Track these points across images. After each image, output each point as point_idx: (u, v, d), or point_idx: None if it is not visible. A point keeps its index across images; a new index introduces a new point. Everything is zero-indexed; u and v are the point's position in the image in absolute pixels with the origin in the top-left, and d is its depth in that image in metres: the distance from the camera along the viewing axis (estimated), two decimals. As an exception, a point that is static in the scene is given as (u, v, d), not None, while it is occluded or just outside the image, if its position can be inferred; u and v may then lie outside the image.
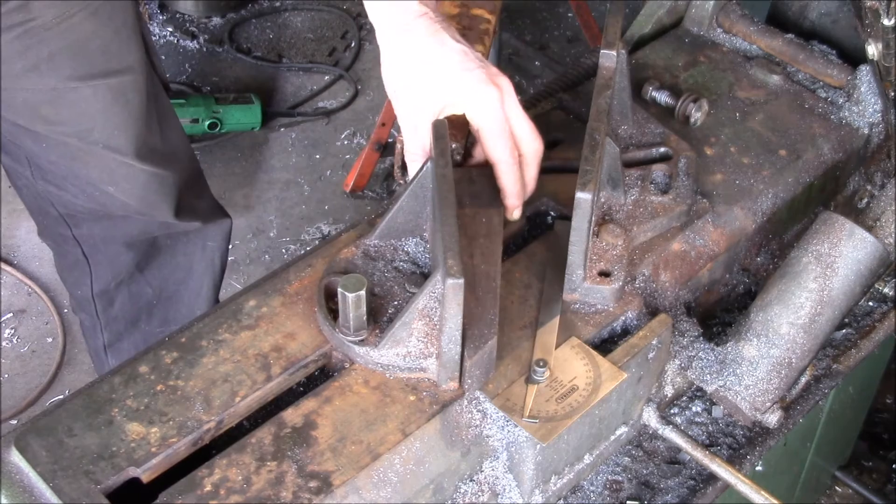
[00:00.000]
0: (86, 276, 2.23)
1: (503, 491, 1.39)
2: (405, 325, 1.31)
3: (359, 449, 1.26)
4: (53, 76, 1.83)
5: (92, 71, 1.85)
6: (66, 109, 1.88)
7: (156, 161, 2.02)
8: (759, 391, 1.48)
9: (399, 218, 1.44)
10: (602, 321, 1.45)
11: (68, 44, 1.81)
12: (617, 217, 1.52)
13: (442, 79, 1.42)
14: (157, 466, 1.25)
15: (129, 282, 2.25)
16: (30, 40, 1.77)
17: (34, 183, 2.06)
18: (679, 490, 1.51)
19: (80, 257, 2.20)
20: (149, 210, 2.09)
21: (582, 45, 4.10)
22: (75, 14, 1.78)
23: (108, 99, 1.90)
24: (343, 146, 3.82)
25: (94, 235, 2.16)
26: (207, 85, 3.99)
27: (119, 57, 1.89)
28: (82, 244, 2.18)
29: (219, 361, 1.35)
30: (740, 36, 1.92)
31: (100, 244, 2.18)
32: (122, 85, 1.90)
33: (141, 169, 2.00)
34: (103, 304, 2.27)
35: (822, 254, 1.47)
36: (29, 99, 1.86)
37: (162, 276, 2.28)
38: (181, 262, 2.27)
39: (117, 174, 2.00)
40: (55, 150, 1.95)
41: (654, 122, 1.66)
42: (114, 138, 1.94)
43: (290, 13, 4.35)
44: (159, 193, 2.06)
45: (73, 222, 2.13)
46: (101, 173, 1.99)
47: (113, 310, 2.29)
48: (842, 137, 1.77)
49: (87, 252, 2.19)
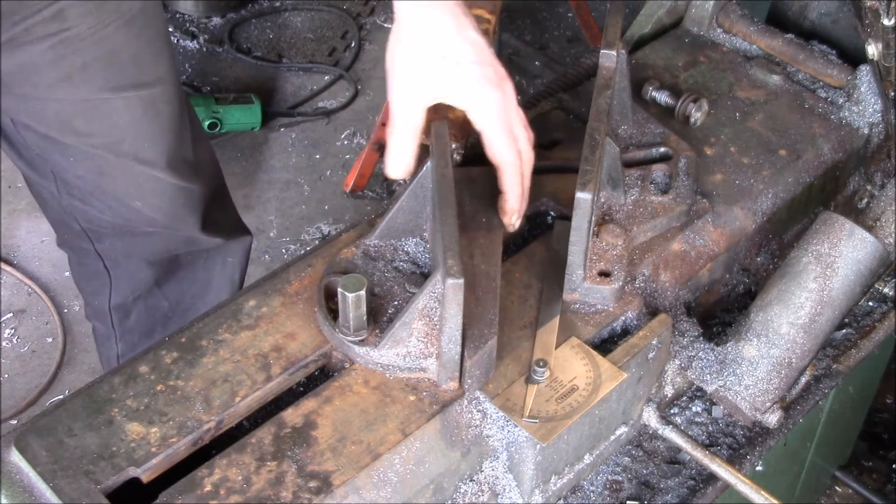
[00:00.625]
0: (104, 288, 2.22)
1: (503, 491, 1.39)
2: (405, 325, 1.31)
3: (359, 449, 1.26)
4: (86, 87, 1.82)
5: (124, 82, 1.85)
6: (97, 121, 1.87)
7: (185, 174, 2.01)
8: (759, 391, 1.48)
9: (399, 218, 1.44)
10: (602, 321, 1.45)
11: (102, 54, 1.80)
12: (617, 217, 1.52)
13: (451, 65, 1.37)
14: (157, 466, 1.25)
15: (147, 296, 2.24)
16: (64, 50, 1.76)
17: (59, 197, 2.05)
18: (679, 490, 1.51)
19: (100, 269, 2.19)
20: (175, 224, 2.07)
21: (582, 45, 4.10)
22: (110, 24, 1.77)
23: (140, 111, 1.89)
24: (343, 146, 3.82)
25: (116, 250, 2.15)
26: (207, 85, 3.99)
27: (151, 68, 1.89)
28: (104, 258, 2.17)
29: (219, 361, 1.35)
30: (740, 36, 1.92)
31: (121, 259, 2.17)
32: (152, 96, 1.90)
33: (169, 182, 1.99)
34: (119, 316, 2.27)
35: (822, 254, 1.47)
36: (60, 110, 1.85)
37: (180, 291, 2.27)
38: (200, 276, 2.26)
39: (145, 188, 1.99)
40: (83, 163, 1.94)
41: (654, 122, 1.66)
42: (144, 150, 1.93)
43: (290, 13, 4.35)
44: (187, 207, 2.06)
45: (96, 237, 2.12)
46: (129, 187, 1.98)
47: (129, 322, 2.28)
48: (842, 137, 1.77)
49: (109, 266, 2.18)
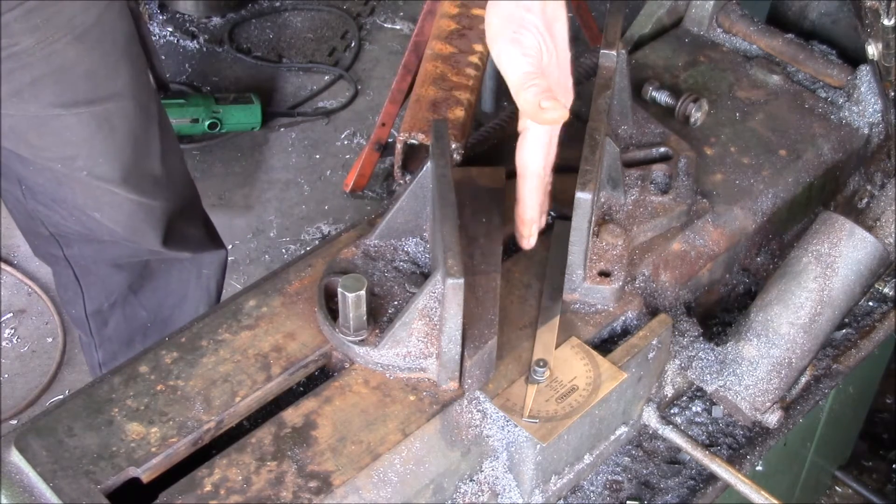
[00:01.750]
0: (78, 297, 2.22)
1: (503, 491, 1.39)
2: (405, 325, 1.31)
3: (359, 449, 1.26)
4: (36, 103, 1.79)
5: (76, 98, 1.81)
6: (49, 136, 1.84)
7: (145, 189, 1.98)
8: (759, 391, 1.48)
9: (399, 218, 1.44)
10: (602, 321, 1.45)
11: (51, 70, 1.76)
12: (617, 217, 1.52)
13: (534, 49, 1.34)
14: (157, 466, 1.25)
15: (123, 303, 2.24)
16: (13, 65, 1.72)
17: (25, 202, 2.03)
18: (679, 490, 1.51)
19: (71, 278, 2.18)
20: (135, 237, 2.06)
21: (582, 45, 4.10)
22: (59, 39, 1.73)
23: (93, 127, 1.85)
24: (343, 146, 3.82)
25: (84, 256, 2.14)
26: (207, 85, 3.99)
27: (106, 83, 1.84)
28: (73, 265, 2.16)
29: (219, 361, 1.35)
30: (740, 36, 1.92)
31: (91, 265, 2.16)
32: (107, 112, 1.86)
33: (126, 197, 1.96)
34: (97, 323, 2.26)
35: (822, 254, 1.47)
36: (14, 125, 1.82)
37: (156, 300, 2.26)
38: (176, 287, 2.25)
39: (102, 201, 1.96)
40: (41, 174, 1.92)
41: (654, 122, 1.66)
42: (98, 166, 1.90)
43: (290, 13, 4.35)
44: (146, 222, 2.03)
45: (65, 242, 2.11)
46: (87, 199, 1.96)
47: (107, 330, 2.27)
48: (842, 137, 1.77)
49: (79, 273, 2.17)
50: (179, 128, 3.60)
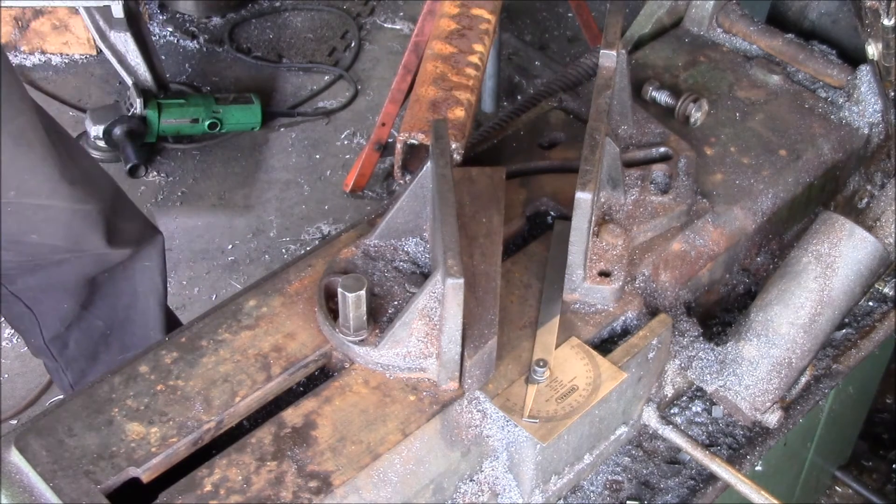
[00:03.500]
0: (34, 326, 2.21)
1: (503, 491, 1.39)
2: (405, 325, 1.31)
3: (359, 449, 1.26)
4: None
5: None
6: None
7: (76, 195, 1.98)
8: (759, 391, 1.48)
9: (399, 218, 1.44)
10: (602, 321, 1.45)
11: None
12: (617, 217, 1.52)
13: None
14: (157, 466, 1.25)
15: (78, 322, 2.23)
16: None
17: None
18: (679, 490, 1.51)
19: (24, 310, 2.17)
20: (80, 246, 2.05)
21: (582, 45, 4.10)
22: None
23: (10, 146, 1.85)
24: (343, 146, 3.82)
25: (31, 288, 2.13)
26: (207, 85, 3.99)
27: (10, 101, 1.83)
28: (22, 298, 2.15)
29: (219, 361, 1.35)
30: (740, 36, 1.92)
31: (40, 295, 2.15)
32: (20, 129, 1.86)
33: (61, 208, 1.96)
34: (58, 347, 2.25)
35: (822, 254, 1.47)
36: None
37: (108, 307, 2.26)
38: (123, 288, 2.25)
39: (36, 220, 1.96)
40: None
41: (654, 122, 1.66)
42: (25, 183, 1.90)
43: (290, 13, 4.35)
44: (86, 226, 2.03)
45: (8, 280, 2.10)
46: (20, 225, 1.95)
47: (69, 351, 2.27)
48: (842, 137, 1.77)
49: (30, 304, 2.16)
50: (179, 128, 3.60)
